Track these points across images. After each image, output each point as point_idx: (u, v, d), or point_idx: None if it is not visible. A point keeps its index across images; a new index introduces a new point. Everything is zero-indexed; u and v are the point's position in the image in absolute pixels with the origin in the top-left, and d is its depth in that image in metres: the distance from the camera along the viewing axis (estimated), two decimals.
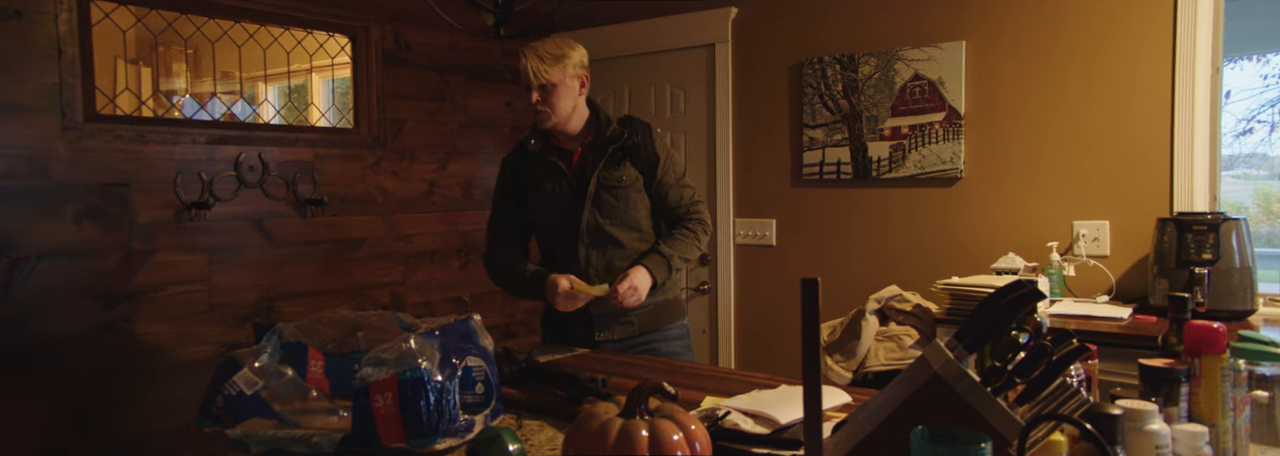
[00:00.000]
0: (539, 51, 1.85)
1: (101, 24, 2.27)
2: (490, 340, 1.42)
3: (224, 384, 1.30)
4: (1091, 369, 1.03)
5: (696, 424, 1.01)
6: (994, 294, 0.86)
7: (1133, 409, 0.85)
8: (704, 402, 1.33)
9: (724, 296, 3.12)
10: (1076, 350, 0.82)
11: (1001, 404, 0.79)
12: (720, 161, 3.10)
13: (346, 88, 3.02)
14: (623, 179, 1.92)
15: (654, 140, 1.96)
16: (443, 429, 1.21)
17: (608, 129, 1.92)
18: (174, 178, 2.36)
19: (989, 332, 0.85)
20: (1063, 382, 0.83)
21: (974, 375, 0.81)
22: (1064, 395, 0.83)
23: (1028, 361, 0.83)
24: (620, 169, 1.91)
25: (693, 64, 3.18)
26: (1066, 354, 0.82)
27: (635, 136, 1.93)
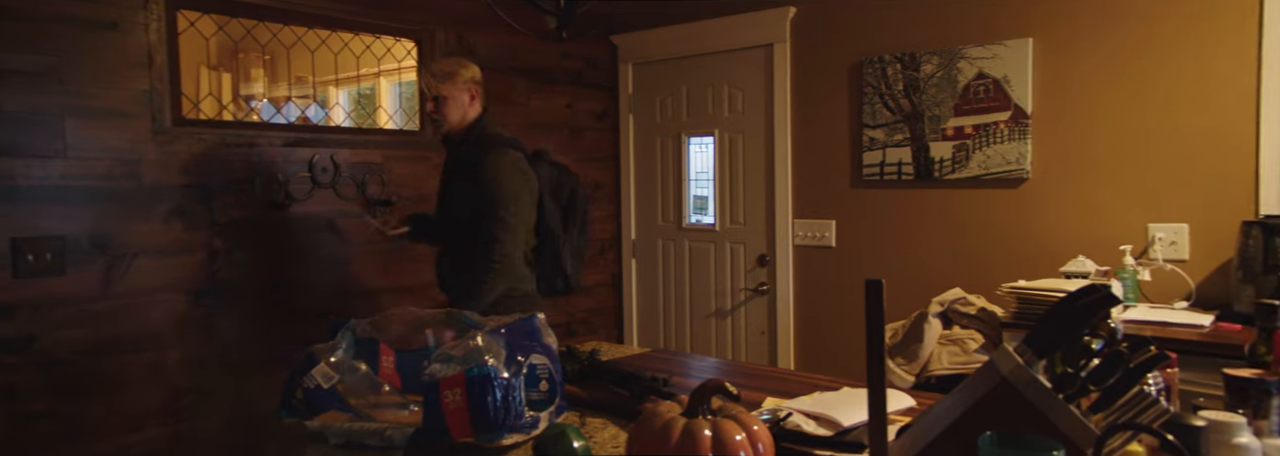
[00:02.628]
0: (433, 69, 2.20)
1: (186, 32, 2.39)
2: (554, 338, 1.45)
3: (302, 377, 1.36)
4: (1171, 378, 1.00)
5: (759, 424, 1.02)
6: (1066, 298, 0.84)
7: (1219, 421, 0.82)
8: (765, 403, 1.34)
9: (783, 297, 3.10)
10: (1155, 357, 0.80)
11: (1074, 411, 0.78)
12: (778, 162, 3.09)
13: (412, 91, 3.11)
14: (453, 185, 2.20)
15: (484, 166, 2.12)
16: (509, 424, 1.24)
17: (464, 143, 2.19)
18: (253, 179, 2.46)
19: (1061, 338, 0.83)
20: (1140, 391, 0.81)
21: (1045, 381, 0.80)
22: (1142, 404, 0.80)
23: (1102, 368, 0.81)
24: (460, 175, 2.17)
25: (750, 64, 3.17)
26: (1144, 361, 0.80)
27: (477, 154, 2.14)
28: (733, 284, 3.28)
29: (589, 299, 3.53)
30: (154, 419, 2.26)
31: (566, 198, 2.33)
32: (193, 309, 2.34)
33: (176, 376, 2.31)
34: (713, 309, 3.34)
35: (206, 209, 2.37)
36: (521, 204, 2.13)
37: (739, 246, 3.26)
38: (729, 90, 3.25)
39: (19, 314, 2.02)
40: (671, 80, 3.42)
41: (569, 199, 2.33)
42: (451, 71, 2.18)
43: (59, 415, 2.09)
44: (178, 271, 2.31)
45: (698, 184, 3.44)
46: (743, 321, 3.25)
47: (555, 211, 2.28)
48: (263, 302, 2.49)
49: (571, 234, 2.33)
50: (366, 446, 1.24)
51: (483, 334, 1.31)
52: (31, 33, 2.02)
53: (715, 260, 3.33)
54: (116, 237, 2.18)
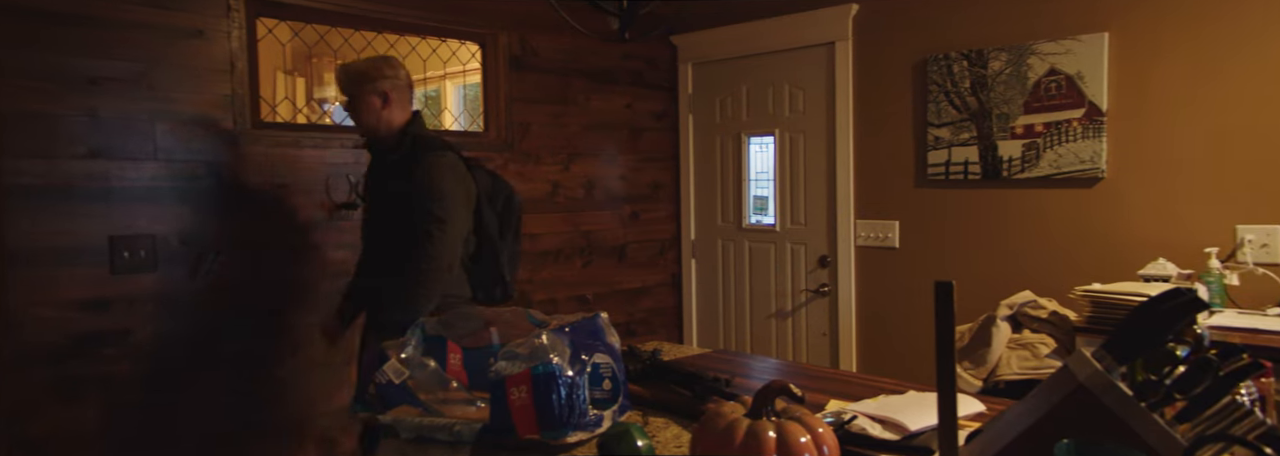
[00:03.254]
0: (345, 70, 2.09)
1: (265, 39, 2.49)
2: (617, 338, 1.47)
3: (375, 373, 1.41)
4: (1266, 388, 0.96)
5: (824, 426, 1.01)
6: (1149, 302, 0.82)
7: None
8: (829, 406, 1.33)
9: (844, 298, 3.06)
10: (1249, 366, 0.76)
11: (1159, 420, 0.75)
12: (840, 162, 3.05)
13: (476, 93, 3.17)
14: (384, 191, 2.10)
15: (422, 168, 2.01)
16: (573, 422, 1.26)
17: (398, 148, 2.08)
18: (325, 180, 2.55)
19: (1143, 343, 0.80)
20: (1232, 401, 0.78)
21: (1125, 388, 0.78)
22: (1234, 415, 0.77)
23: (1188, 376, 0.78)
24: (394, 179, 2.05)
25: (812, 63, 3.14)
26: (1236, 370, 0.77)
27: (413, 157, 2.04)
28: (793, 285, 3.25)
29: (648, 299, 3.55)
30: (240, 408, 2.37)
31: (502, 204, 2.24)
32: (269, 304, 2.43)
33: (257, 367, 2.41)
34: (773, 310, 3.32)
35: (283, 209, 2.46)
36: (459, 205, 2.03)
37: (800, 247, 3.23)
38: (790, 89, 3.22)
39: (116, 308, 2.14)
40: (731, 80, 3.41)
41: (505, 205, 2.24)
42: (361, 73, 2.06)
43: (151, 404, 2.21)
44: (257, 268, 2.41)
45: (758, 184, 3.42)
46: (803, 322, 3.22)
47: (492, 217, 2.19)
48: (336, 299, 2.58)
49: (507, 240, 2.24)
50: (436, 441, 1.27)
51: (547, 332, 1.34)
52: (124, 41, 2.14)
53: (775, 261, 3.30)
54: (201, 235, 2.29)
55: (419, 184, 1.99)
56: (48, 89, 2.03)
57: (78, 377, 2.09)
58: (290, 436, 2.48)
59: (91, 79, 2.09)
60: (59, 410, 2.06)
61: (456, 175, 2.04)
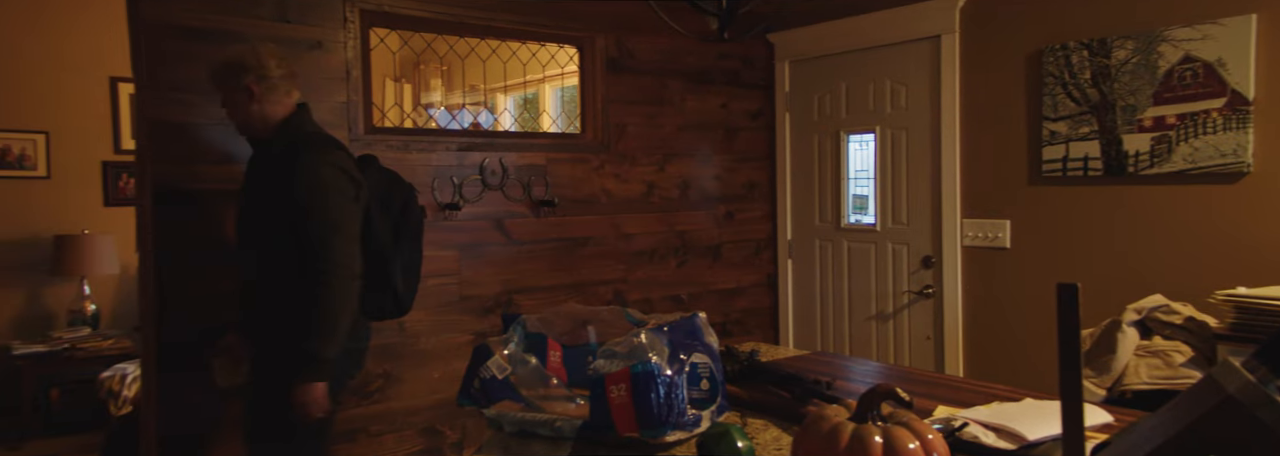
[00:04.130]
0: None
1: (377, 48, 2.62)
2: (715, 338, 1.46)
3: (479, 368, 1.45)
4: None
5: (933, 433, 0.97)
6: None
7: None
8: (937, 412, 1.28)
9: (950, 300, 2.94)
10: None
11: None
12: (945, 159, 2.92)
13: (573, 95, 3.23)
14: (263, 192, 1.88)
15: (301, 167, 1.83)
16: (672, 421, 1.26)
17: (275, 143, 1.90)
18: (431, 182, 2.66)
19: None
20: None
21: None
22: None
23: None
24: (272, 180, 1.86)
25: (915, 57, 3.03)
26: None
27: (292, 154, 1.85)
28: (895, 286, 3.14)
29: (743, 299, 3.52)
30: (351, 399, 2.50)
31: (398, 208, 2.03)
32: None
33: (370, 362, 2.53)
34: (873, 311, 3.22)
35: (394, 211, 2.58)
36: (350, 207, 1.85)
37: (902, 247, 3.12)
38: (892, 85, 3.12)
39: None
40: (830, 77, 3.34)
41: (402, 209, 2.04)
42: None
43: None
44: None
45: (857, 183, 3.33)
46: (906, 325, 3.11)
47: (384, 223, 1.98)
48: (441, 297, 2.68)
49: (403, 248, 2.03)
50: (538, 436, 1.30)
51: (646, 331, 1.34)
52: None
53: (876, 261, 3.21)
54: None
55: (300, 185, 1.81)
56: (192, 100, 2.20)
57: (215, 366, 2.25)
58: (402, 424, 2.59)
59: None
60: (201, 394, 2.23)
61: (344, 174, 1.86)
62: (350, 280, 1.82)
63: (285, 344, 1.82)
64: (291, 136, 1.90)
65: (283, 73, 1.93)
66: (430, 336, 2.66)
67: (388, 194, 2.04)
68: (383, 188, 2.04)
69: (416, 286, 2.12)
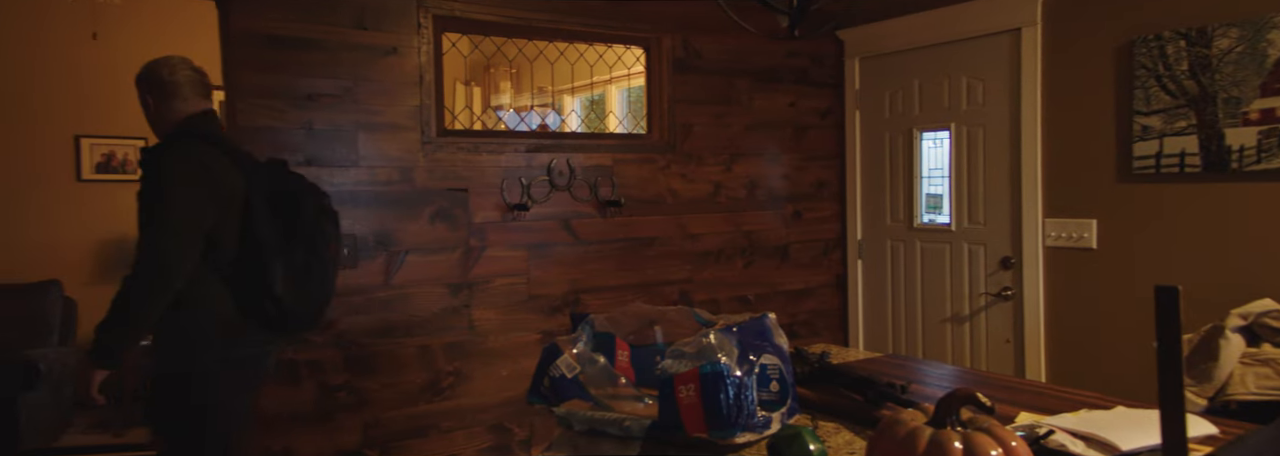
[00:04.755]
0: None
1: (448, 53, 2.68)
2: (785, 339, 1.44)
3: (549, 367, 1.47)
4: None
5: (1017, 440, 0.93)
6: None
7: None
8: (1019, 418, 1.23)
9: (1030, 303, 2.83)
10: None
11: None
12: (1025, 157, 2.81)
13: (639, 96, 3.24)
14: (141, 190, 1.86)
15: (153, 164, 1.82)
16: (742, 423, 1.25)
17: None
18: (500, 183, 2.71)
19: None
20: None
21: None
22: None
23: None
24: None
25: (993, 51, 2.92)
26: None
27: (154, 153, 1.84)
28: (971, 288, 3.04)
29: (812, 300, 3.46)
30: (423, 395, 2.56)
31: (291, 209, 1.96)
32: (451, 300, 2.62)
33: (440, 359, 2.59)
34: (948, 314, 3.13)
35: (464, 211, 2.64)
36: (189, 201, 1.79)
37: (978, 248, 3.02)
38: (968, 81, 3.02)
39: None
40: (902, 73, 3.25)
41: (294, 210, 1.96)
42: (137, 77, 2.01)
43: (353, 387, 2.44)
44: (440, 267, 2.59)
45: (931, 181, 3.24)
46: (982, 328, 3.01)
47: (270, 224, 1.90)
48: (510, 296, 2.73)
49: (297, 252, 1.93)
50: (607, 434, 1.31)
51: (715, 332, 1.34)
52: (335, 61, 2.39)
53: (951, 262, 3.11)
54: (394, 236, 2.50)
55: (148, 181, 1.82)
56: (276, 106, 2.30)
57: (293, 361, 2.35)
58: (471, 421, 2.65)
59: (309, 95, 2.35)
60: (280, 388, 2.33)
61: (195, 167, 1.83)
62: (159, 274, 1.78)
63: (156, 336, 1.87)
64: (171, 136, 1.92)
65: (178, 79, 1.98)
66: (499, 335, 2.71)
67: (277, 192, 1.97)
68: (268, 186, 1.97)
69: (318, 298, 2.00)
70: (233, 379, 1.93)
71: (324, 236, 2.02)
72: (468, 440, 2.65)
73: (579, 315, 1.57)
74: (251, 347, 1.96)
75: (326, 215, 2.04)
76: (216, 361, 1.88)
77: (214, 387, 1.88)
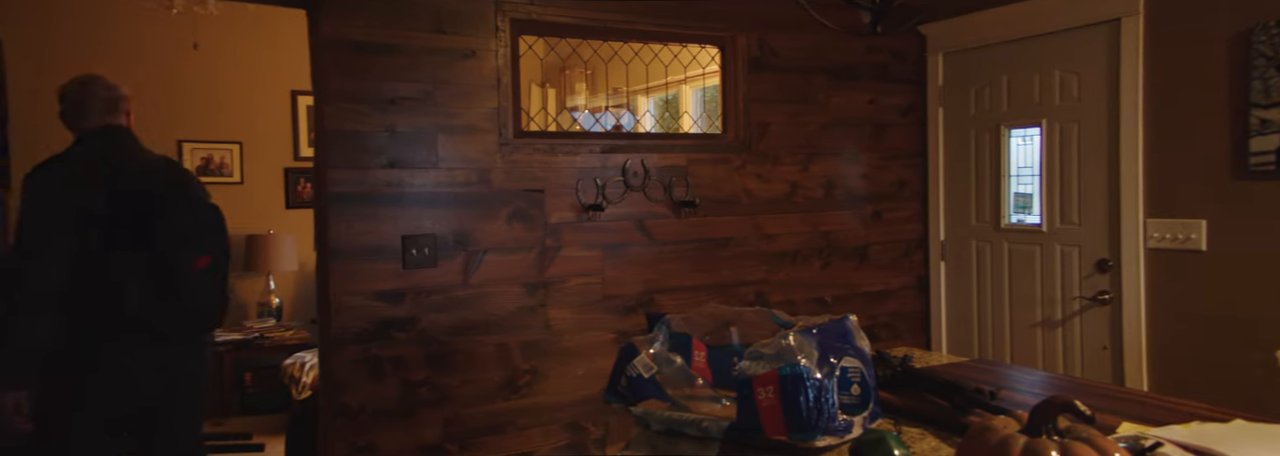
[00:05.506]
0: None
1: (525, 55, 2.72)
2: (867, 342, 1.40)
3: (626, 366, 1.47)
4: None
5: (1120, 451, 0.88)
6: None
7: None
8: (1121, 429, 1.16)
9: (1130, 307, 2.67)
10: None
11: None
12: (1124, 154, 2.66)
13: (714, 95, 3.22)
14: None
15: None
16: (822, 426, 1.22)
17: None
18: (575, 184, 2.73)
19: None
20: None
21: None
22: None
23: None
24: None
25: (1089, 43, 2.78)
26: None
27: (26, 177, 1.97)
28: (1063, 291, 2.89)
29: (892, 302, 3.36)
30: (500, 393, 2.61)
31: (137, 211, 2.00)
32: (527, 299, 2.65)
33: (517, 357, 2.63)
34: (1038, 318, 2.99)
35: (540, 211, 2.67)
36: (41, 226, 1.88)
37: (1072, 249, 2.87)
38: (1060, 75, 2.88)
39: (406, 299, 2.46)
40: (989, 69, 3.13)
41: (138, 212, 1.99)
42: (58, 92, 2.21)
43: (434, 383, 2.50)
44: (517, 267, 2.63)
45: (1020, 180, 3.10)
46: (1077, 333, 2.86)
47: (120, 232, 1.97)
48: (585, 296, 2.75)
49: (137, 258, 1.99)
50: (686, 435, 1.29)
51: (794, 333, 1.31)
52: (416, 65, 2.45)
53: (1041, 264, 2.97)
54: (472, 236, 2.56)
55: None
56: (361, 110, 2.38)
57: (378, 357, 2.42)
58: (548, 419, 2.68)
59: (391, 99, 2.42)
60: (366, 383, 2.40)
61: (43, 191, 1.94)
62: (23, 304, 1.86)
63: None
64: (55, 155, 2.06)
65: (84, 98, 2.15)
66: (574, 334, 2.73)
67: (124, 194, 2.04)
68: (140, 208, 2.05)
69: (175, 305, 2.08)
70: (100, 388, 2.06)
71: (182, 242, 2.09)
72: (544, 437, 2.68)
73: (655, 315, 1.57)
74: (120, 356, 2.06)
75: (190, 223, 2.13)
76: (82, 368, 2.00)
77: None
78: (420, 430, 2.48)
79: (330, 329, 2.37)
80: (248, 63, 4.86)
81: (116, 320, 2.01)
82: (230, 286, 2.23)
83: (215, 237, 2.19)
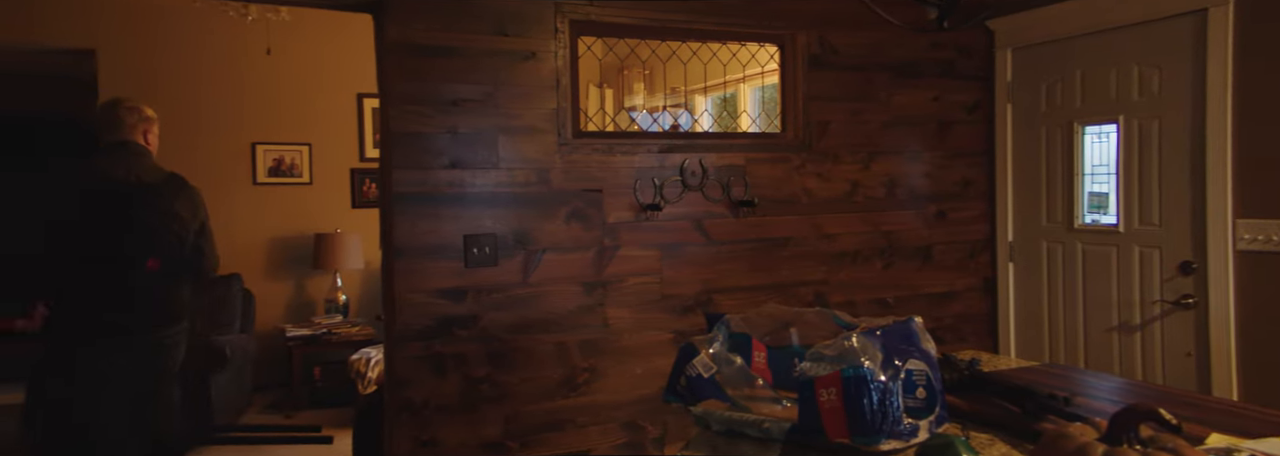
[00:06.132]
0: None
1: (584, 56, 2.74)
2: (932, 344, 1.37)
3: (685, 366, 1.46)
4: None
5: None
6: None
7: None
8: (1210, 440, 1.10)
9: (1218, 312, 2.54)
10: None
11: None
12: (1211, 151, 2.53)
13: (772, 94, 3.18)
14: None
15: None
16: (887, 430, 1.19)
17: None
18: (633, 183, 2.73)
19: None
20: None
21: None
22: None
23: None
24: None
25: (1171, 36, 2.65)
26: None
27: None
28: (1143, 294, 2.77)
29: (956, 304, 3.27)
30: (559, 390, 2.63)
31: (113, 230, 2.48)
32: (586, 298, 2.67)
33: (575, 355, 2.65)
34: (1114, 322, 2.86)
35: (598, 211, 2.68)
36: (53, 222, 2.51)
37: (1151, 251, 2.74)
38: (1139, 69, 2.76)
39: (468, 297, 2.50)
40: (1061, 64, 3.01)
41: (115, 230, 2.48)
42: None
43: (494, 380, 2.54)
44: (575, 266, 2.65)
45: (1094, 179, 2.98)
46: (1157, 338, 2.73)
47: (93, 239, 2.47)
48: (643, 295, 2.75)
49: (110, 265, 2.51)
50: (746, 436, 1.28)
51: (858, 334, 1.28)
52: (477, 67, 2.49)
53: (1118, 266, 2.84)
54: (531, 235, 2.59)
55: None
56: (424, 112, 2.44)
57: (440, 354, 2.47)
58: (606, 417, 2.69)
59: (453, 101, 2.47)
60: (429, 379, 2.45)
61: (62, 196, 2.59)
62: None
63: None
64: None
65: (105, 118, 2.65)
66: (632, 333, 2.73)
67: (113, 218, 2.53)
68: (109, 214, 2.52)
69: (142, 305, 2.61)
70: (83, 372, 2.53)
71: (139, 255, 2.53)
72: (602, 436, 2.70)
73: (714, 315, 1.56)
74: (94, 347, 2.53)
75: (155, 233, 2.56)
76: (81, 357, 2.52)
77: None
78: (481, 426, 2.52)
79: (395, 326, 2.43)
80: (315, 67, 5.02)
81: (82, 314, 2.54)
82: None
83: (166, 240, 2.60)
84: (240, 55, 4.81)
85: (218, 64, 4.83)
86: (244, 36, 4.65)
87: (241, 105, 4.89)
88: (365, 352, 4.12)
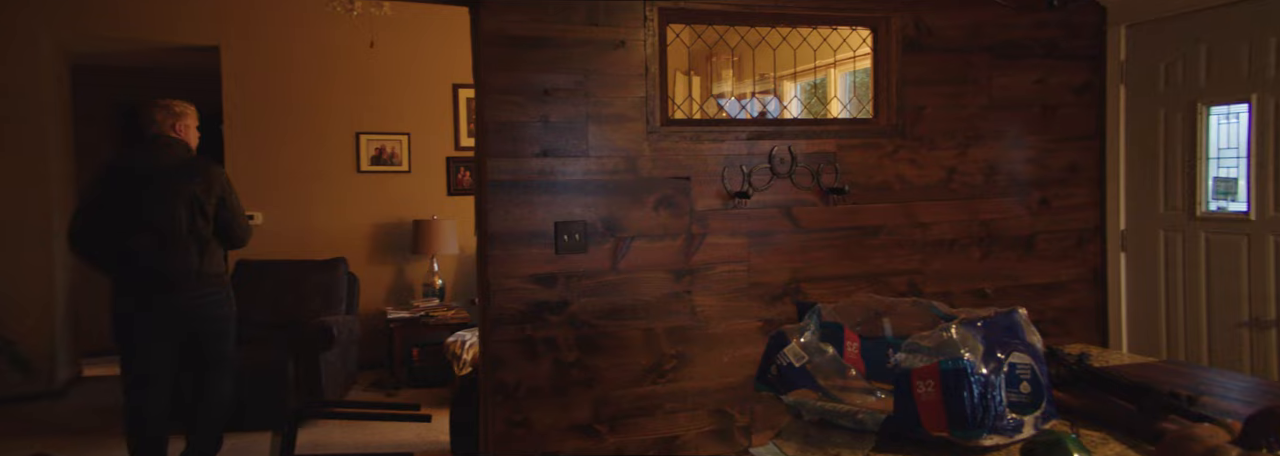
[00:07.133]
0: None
1: (672, 44, 2.73)
2: (1038, 337, 1.32)
3: (776, 355, 1.46)
4: None
5: None
6: None
7: None
8: None
9: None
10: None
11: None
12: None
13: (864, 79, 3.09)
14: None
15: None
16: (988, 424, 1.16)
17: None
18: (721, 171, 2.72)
19: None
20: None
21: None
22: None
23: None
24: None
25: None
26: None
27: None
28: (1277, 287, 2.57)
29: (1062, 295, 3.12)
30: (647, 376, 2.66)
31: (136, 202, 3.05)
32: (674, 285, 2.68)
33: (663, 342, 2.67)
34: (1244, 316, 2.67)
35: (686, 198, 2.69)
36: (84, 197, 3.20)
37: None
38: (1277, 43, 2.54)
39: (558, 282, 2.56)
40: (1182, 39, 2.81)
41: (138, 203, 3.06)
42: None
43: (584, 365, 2.59)
44: (663, 253, 2.67)
45: (1221, 163, 2.77)
46: None
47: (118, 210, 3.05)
48: (730, 283, 2.74)
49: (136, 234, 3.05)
50: (839, 426, 1.27)
51: (957, 325, 1.25)
52: (568, 57, 2.53)
53: (1249, 256, 2.65)
54: (620, 222, 2.61)
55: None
56: (517, 101, 2.49)
57: (532, 338, 2.54)
58: (693, 403, 2.71)
59: (546, 90, 2.51)
60: (521, 362, 2.53)
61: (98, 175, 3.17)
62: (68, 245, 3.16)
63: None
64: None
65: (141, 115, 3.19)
66: (720, 321, 2.73)
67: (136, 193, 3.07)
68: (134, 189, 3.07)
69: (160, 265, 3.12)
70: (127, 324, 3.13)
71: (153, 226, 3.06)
72: (690, 422, 2.71)
73: (805, 304, 1.54)
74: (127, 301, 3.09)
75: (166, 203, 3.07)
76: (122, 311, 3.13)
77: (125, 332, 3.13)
78: (572, 409, 2.58)
79: (489, 310, 2.50)
80: (413, 58, 5.20)
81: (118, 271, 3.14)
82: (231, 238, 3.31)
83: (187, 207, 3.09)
84: (345, 49, 5.04)
85: (325, 57, 5.07)
86: (348, 31, 4.86)
87: (346, 96, 5.12)
88: (460, 335, 4.27)
